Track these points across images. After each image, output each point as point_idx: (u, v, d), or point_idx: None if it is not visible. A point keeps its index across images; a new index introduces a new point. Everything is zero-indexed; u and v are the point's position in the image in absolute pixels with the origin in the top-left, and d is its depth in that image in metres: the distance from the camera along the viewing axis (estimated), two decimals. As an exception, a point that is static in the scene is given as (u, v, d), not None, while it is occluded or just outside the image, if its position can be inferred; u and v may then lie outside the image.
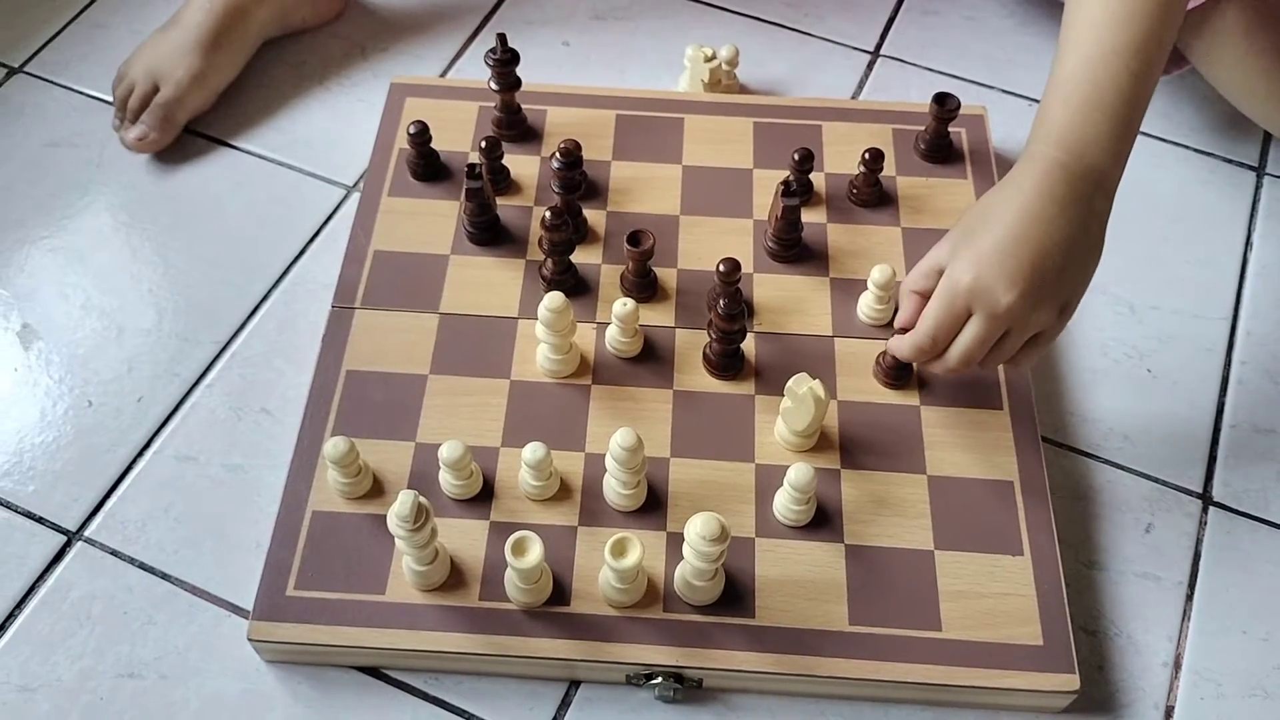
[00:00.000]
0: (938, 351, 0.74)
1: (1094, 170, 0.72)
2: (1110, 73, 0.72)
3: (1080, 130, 0.72)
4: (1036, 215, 0.71)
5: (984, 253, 0.71)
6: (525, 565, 0.70)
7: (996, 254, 0.71)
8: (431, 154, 0.96)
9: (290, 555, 0.76)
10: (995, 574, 0.77)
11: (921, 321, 0.74)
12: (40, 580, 0.79)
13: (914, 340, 0.75)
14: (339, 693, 0.75)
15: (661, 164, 0.98)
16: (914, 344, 0.75)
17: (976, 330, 0.72)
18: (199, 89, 1.03)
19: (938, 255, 0.75)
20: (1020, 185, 0.73)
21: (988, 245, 0.71)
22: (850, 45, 1.14)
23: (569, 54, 1.12)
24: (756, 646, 0.74)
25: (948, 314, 0.72)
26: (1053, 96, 0.74)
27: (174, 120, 1.02)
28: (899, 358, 0.78)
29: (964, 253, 0.72)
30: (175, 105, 1.01)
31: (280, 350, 0.91)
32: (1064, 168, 0.72)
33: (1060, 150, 0.72)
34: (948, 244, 0.75)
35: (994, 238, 0.71)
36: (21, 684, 0.75)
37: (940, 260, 0.74)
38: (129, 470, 0.84)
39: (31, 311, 0.93)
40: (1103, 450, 0.87)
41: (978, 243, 0.72)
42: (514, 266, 0.92)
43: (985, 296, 0.71)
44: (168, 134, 1.02)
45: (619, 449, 0.74)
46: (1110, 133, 0.72)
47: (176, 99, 1.01)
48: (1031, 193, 0.72)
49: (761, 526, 0.79)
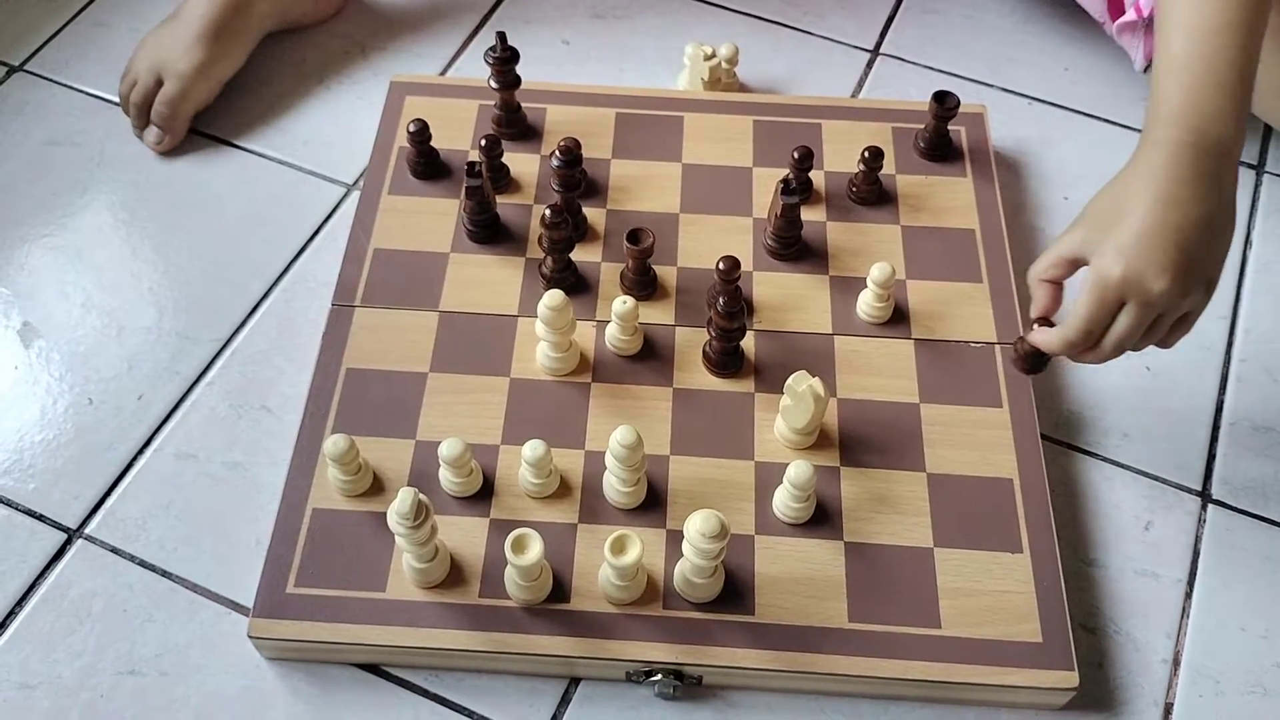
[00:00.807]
0: (1091, 344, 0.74)
1: (1218, 144, 0.72)
2: (1219, 47, 0.73)
3: (1199, 107, 0.73)
4: (1172, 198, 0.71)
5: (1128, 243, 0.71)
6: (525, 562, 0.71)
7: (1141, 243, 0.70)
8: (431, 152, 0.96)
9: (290, 552, 0.77)
10: (994, 571, 0.77)
11: (1073, 317, 0.73)
12: (41, 578, 0.79)
13: (1066, 335, 0.74)
14: (339, 690, 0.75)
15: (661, 162, 0.98)
16: (1066, 338, 0.74)
17: (1131, 320, 0.72)
18: (202, 80, 1.03)
19: (1068, 245, 0.75)
20: (1150, 170, 0.72)
21: (1129, 235, 0.71)
22: (850, 44, 1.14)
23: (569, 52, 1.12)
24: (756, 644, 0.74)
25: (1100, 307, 0.72)
26: (1165, 79, 0.74)
27: (180, 115, 1.02)
28: (1047, 351, 0.77)
29: (1106, 245, 0.71)
30: (180, 100, 1.02)
31: (280, 348, 0.91)
32: (1190, 147, 0.72)
33: (1182, 131, 0.72)
34: (1077, 234, 0.74)
35: (1134, 227, 0.71)
36: (22, 681, 0.75)
37: (1071, 250, 0.74)
38: (129, 468, 0.84)
39: (32, 310, 0.93)
40: (1102, 448, 0.87)
41: (1118, 233, 0.71)
42: (514, 265, 0.92)
43: (1137, 286, 0.70)
44: (178, 132, 1.03)
45: (619, 446, 0.74)
46: (1229, 106, 0.73)
47: (181, 93, 1.01)
48: (1163, 177, 0.71)
49: (761, 524, 0.79)
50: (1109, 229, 0.72)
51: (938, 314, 0.89)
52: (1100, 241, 0.72)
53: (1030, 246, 0.98)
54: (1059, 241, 0.76)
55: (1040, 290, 0.78)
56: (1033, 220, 1.00)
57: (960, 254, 0.93)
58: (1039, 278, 0.78)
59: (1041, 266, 0.77)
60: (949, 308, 0.90)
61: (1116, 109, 1.08)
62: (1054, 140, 1.06)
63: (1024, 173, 1.03)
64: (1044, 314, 0.78)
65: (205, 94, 1.04)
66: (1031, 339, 0.77)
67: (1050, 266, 0.77)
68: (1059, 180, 1.03)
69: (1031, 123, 1.07)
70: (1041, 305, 0.78)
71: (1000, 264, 0.92)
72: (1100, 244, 0.72)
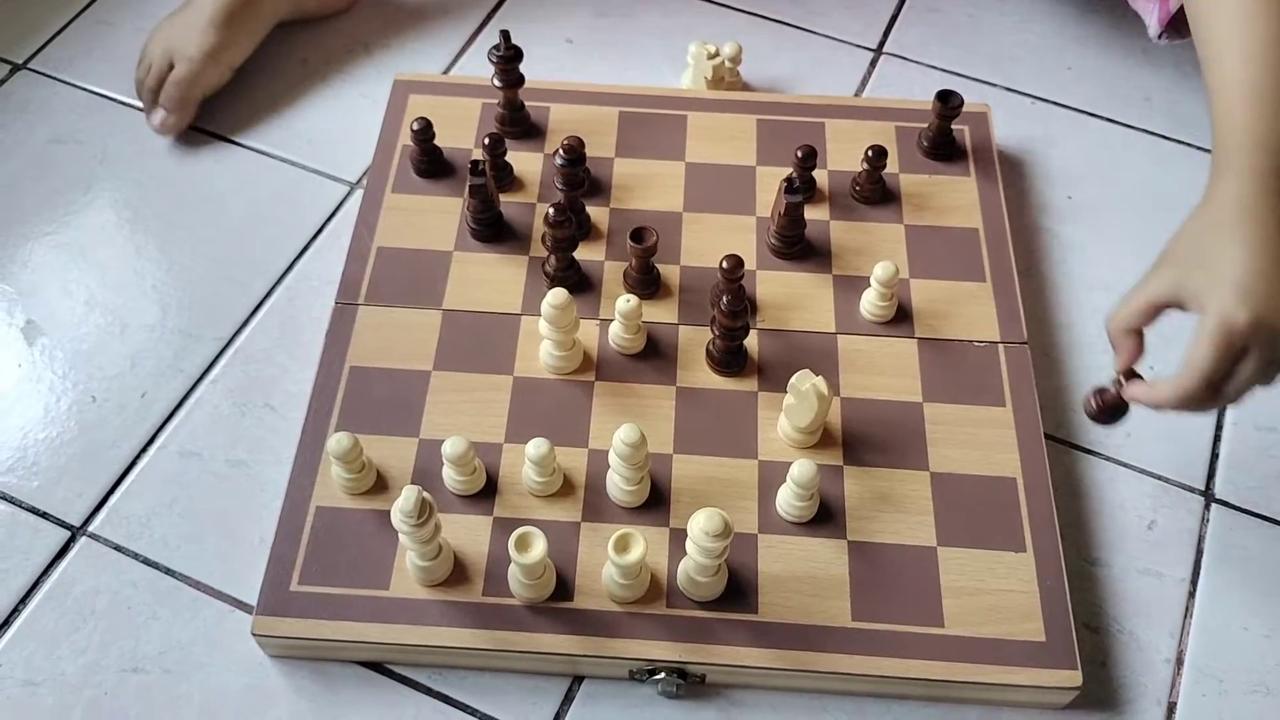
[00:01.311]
0: (1211, 396, 0.68)
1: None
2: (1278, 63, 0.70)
3: (1274, 127, 0.69)
4: (1275, 229, 0.67)
5: (1249, 283, 0.65)
6: (529, 561, 0.71)
7: (1261, 282, 0.65)
8: (435, 151, 0.96)
9: (294, 550, 0.77)
10: (998, 570, 0.77)
11: (1190, 368, 0.67)
12: (44, 575, 0.80)
13: (1183, 389, 0.67)
14: (342, 688, 0.75)
15: (664, 161, 0.98)
16: (1184, 392, 0.67)
17: (1258, 364, 0.66)
18: (213, 65, 1.03)
19: (1158, 289, 0.69)
20: (1244, 204, 0.68)
21: (1243, 274, 0.65)
22: (853, 43, 1.14)
23: (572, 51, 1.12)
24: (759, 642, 0.74)
25: (1225, 354, 0.66)
26: (1234, 101, 0.71)
27: (189, 98, 1.03)
28: (1161, 407, 0.70)
29: (1222, 288, 0.66)
30: (189, 82, 1.02)
31: (284, 346, 0.91)
32: (1276, 172, 0.68)
33: (1264, 156, 0.69)
34: (1166, 277, 0.69)
35: (1245, 265, 0.66)
36: (26, 678, 0.75)
37: (1163, 294, 0.69)
38: (133, 466, 0.85)
39: (35, 308, 0.93)
40: (1105, 447, 0.87)
41: (1229, 273, 0.66)
42: (517, 263, 0.92)
43: (1267, 328, 0.65)
44: (186, 114, 1.03)
45: (622, 445, 0.74)
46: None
47: (191, 75, 1.02)
48: (1260, 207, 0.67)
49: (764, 522, 0.79)
50: (1212, 269, 0.67)
51: (941, 313, 0.89)
52: (1207, 283, 0.66)
53: (1034, 246, 0.98)
54: (1144, 287, 0.70)
55: (1128, 341, 0.72)
56: (1036, 219, 1.00)
57: (964, 253, 0.93)
58: (1125, 327, 0.72)
59: (1126, 314, 0.71)
60: (952, 307, 0.90)
61: (1120, 108, 1.08)
62: (1057, 139, 1.06)
63: (1027, 172, 1.03)
64: (1131, 364, 0.73)
65: (215, 79, 1.04)
66: (1133, 395, 0.72)
67: (1137, 314, 0.71)
68: (1062, 179, 1.03)
69: (1035, 122, 1.07)
70: (1129, 356, 0.72)
71: (1004, 263, 0.92)
72: (1209, 286, 0.66)
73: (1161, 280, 0.69)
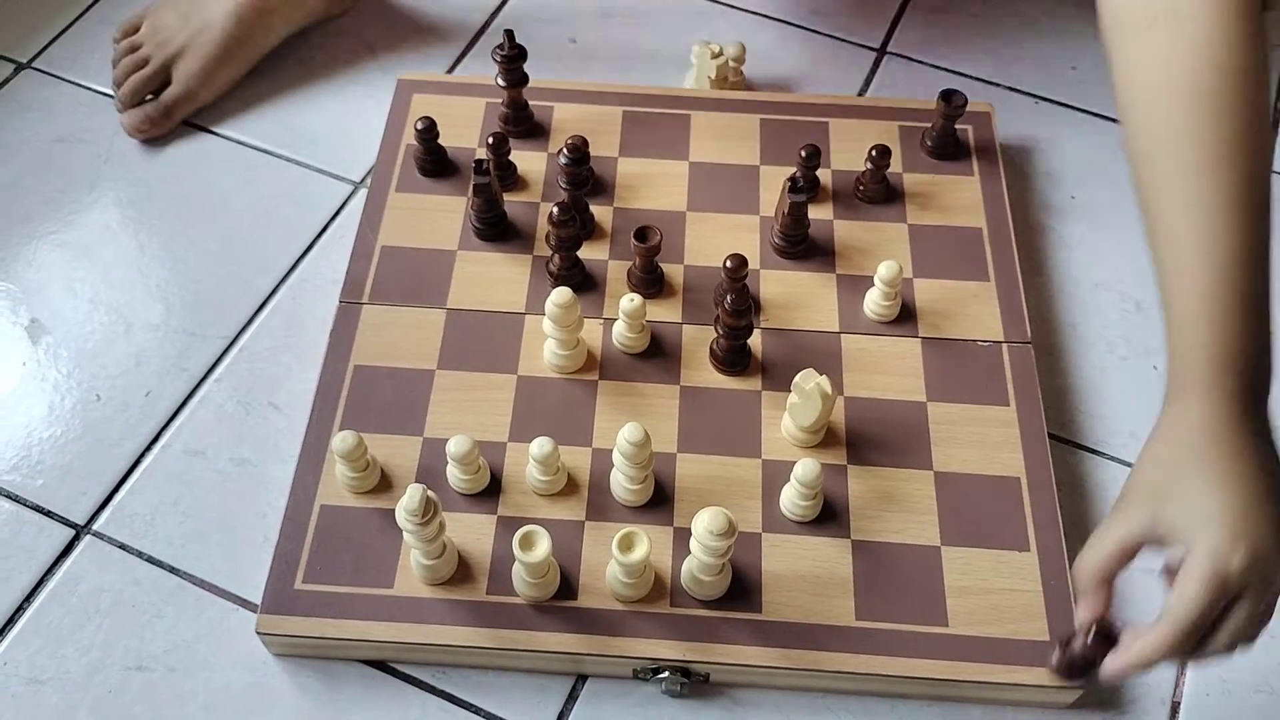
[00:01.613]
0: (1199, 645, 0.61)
1: (1266, 382, 0.65)
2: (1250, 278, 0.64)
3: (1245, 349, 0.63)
4: (1259, 457, 0.62)
5: (1234, 518, 0.59)
6: (533, 559, 0.71)
7: (1250, 516, 0.59)
8: (439, 150, 0.96)
9: (298, 549, 0.77)
10: (1001, 570, 0.77)
11: (1176, 618, 0.59)
12: (49, 574, 0.80)
13: (1171, 640, 0.59)
14: (346, 686, 0.75)
15: (668, 160, 0.99)
16: (1172, 644, 0.60)
17: (1252, 608, 0.60)
18: (207, 90, 1.04)
19: (1133, 529, 0.63)
20: (1210, 429, 0.62)
21: (1230, 508, 0.60)
22: (857, 43, 1.14)
23: (576, 51, 1.12)
24: (763, 641, 0.74)
25: (1220, 598, 0.59)
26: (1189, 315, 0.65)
27: (175, 116, 1.04)
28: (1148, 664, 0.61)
29: (1207, 525, 0.59)
30: (181, 103, 1.03)
31: (288, 345, 0.91)
32: (1251, 393, 0.63)
33: (1227, 375, 0.63)
34: (1141, 513, 0.62)
35: (1228, 498, 0.60)
36: (30, 676, 0.75)
37: (1139, 534, 0.62)
38: (137, 464, 0.85)
39: (40, 306, 0.93)
40: (1109, 447, 0.87)
41: (1213, 508, 0.60)
42: (521, 262, 0.92)
43: (1262, 568, 0.59)
44: (165, 128, 1.04)
45: (626, 444, 0.74)
46: (1269, 338, 0.65)
47: (185, 96, 1.03)
48: (1229, 434, 0.62)
49: (768, 522, 0.79)
50: (1191, 503, 0.61)
51: (945, 312, 0.89)
52: (1189, 519, 0.60)
53: (1037, 245, 0.98)
54: (1114, 527, 0.63)
55: (1099, 590, 0.65)
56: (1040, 219, 1.00)
57: (967, 252, 0.93)
58: (1100, 576, 0.64)
59: (1098, 561, 0.64)
60: (956, 306, 0.90)
61: (1123, 108, 1.08)
62: (1061, 139, 1.06)
63: (1031, 172, 1.03)
64: (1094, 619, 0.65)
65: (206, 99, 1.05)
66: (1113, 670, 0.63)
67: (1111, 559, 0.63)
68: (1065, 179, 1.03)
69: (1038, 122, 1.07)
70: (1100, 607, 0.65)
71: (1007, 263, 0.92)
72: (1194, 523, 0.60)
73: (1133, 519, 0.63)
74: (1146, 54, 0.69)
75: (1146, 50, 0.69)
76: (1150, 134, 0.68)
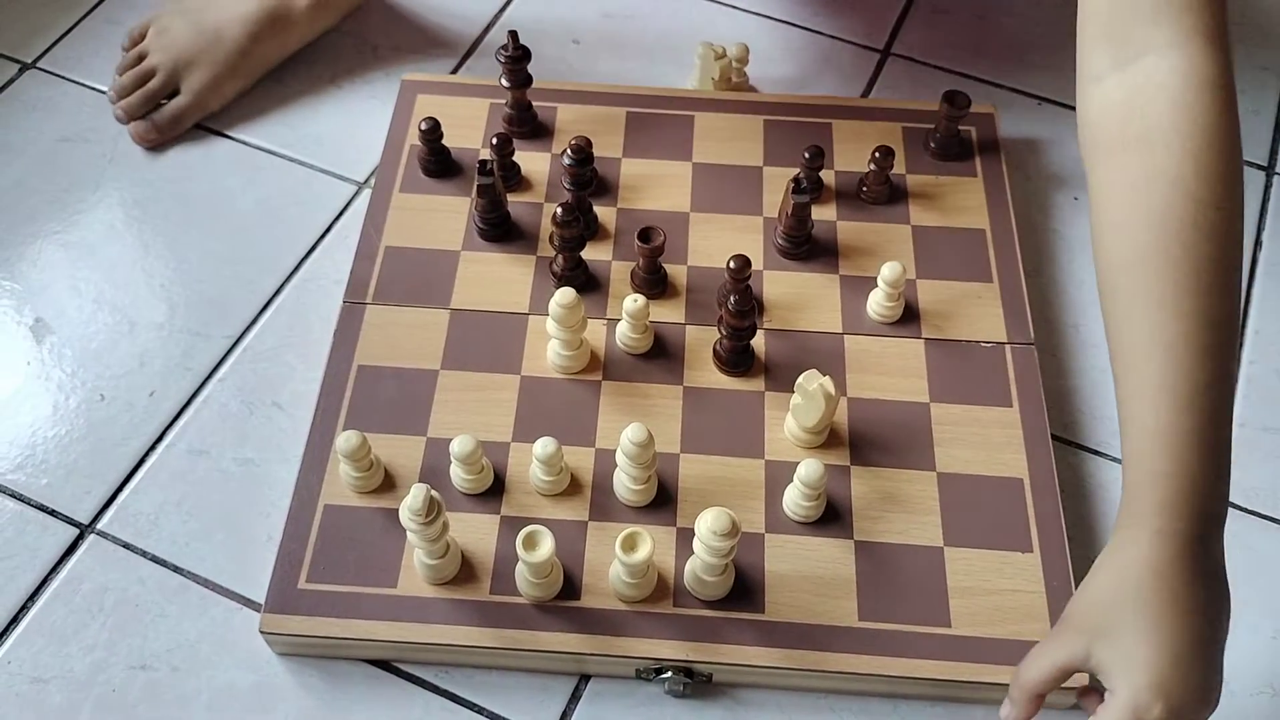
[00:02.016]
0: None
1: (1219, 522, 0.64)
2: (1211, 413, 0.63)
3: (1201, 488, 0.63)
4: (1196, 606, 0.61)
5: (1159, 673, 0.60)
6: (536, 559, 0.71)
7: (1176, 672, 0.60)
8: (443, 151, 0.96)
9: (302, 548, 0.77)
10: (1004, 570, 0.77)
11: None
12: (53, 573, 0.80)
13: None
14: (350, 685, 0.75)
15: (672, 161, 0.99)
16: None
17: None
18: (217, 97, 1.04)
19: (1069, 654, 0.63)
20: (1156, 569, 0.62)
21: (1157, 661, 0.60)
22: (860, 44, 1.14)
23: (579, 51, 1.13)
24: (766, 641, 0.74)
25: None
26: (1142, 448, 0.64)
27: (182, 125, 1.04)
28: None
29: (1132, 674, 0.60)
30: (189, 112, 1.03)
31: (292, 345, 0.91)
32: (1200, 540, 0.63)
33: (1190, 520, 0.62)
34: (1078, 642, 0.63)
35: (1159, 650, 0.60)
36: (34, 675, 0.75)
37: (1073, 661, 0.63)
38: (141, 464, 0.85)
39: (44, 306, 0.93)
40: (1112, 448, 0.87)
41: (1142, 657, 0.60)
42: (525, 263, 0.92)
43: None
44: (170, 135, 1.04)
45: (630, 444, 0.74)
46: (1227, 476, 0.64)
47: (193, 107, 1.03)
48: (1180, 579, 0.61)
49: (771, 522, 0.79)
50: (1123, 646, 0.61)
51: (948, 313, 0.90)
52: (1118, 662, 0.61)
53: (1040, 247, 0.98)
54: (1052, 650, 0.64)
55: (1031, 703, 0.66)
56: (1043, 220, 1.00)
57: (971, 254, 0.93)
58: (1032, 691, 0.65)
59: (1035, 679, 0.65)
60: (959, 307, 0.90)
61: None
62: (1064, 141, 1.06)
63: (1034, 173, 1.03)
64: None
65: (214, 106, 1.05)
66: None
67: (1047, 680, 0.65)
68: (1069, 181, 1.03)
69: (1042, 123, 1.07)
70: (1027, 713, 0.66)
71: (1011, 264, 0.92)
72: (1122, 668, 0.61)
73: (1069, 647, 0.63)
74: (1119, 176, 0.67)
75: (1119, 173, 0.67)
76: (1118, 260, 0.66)
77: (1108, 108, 0.70)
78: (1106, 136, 0.69)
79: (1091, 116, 0.71)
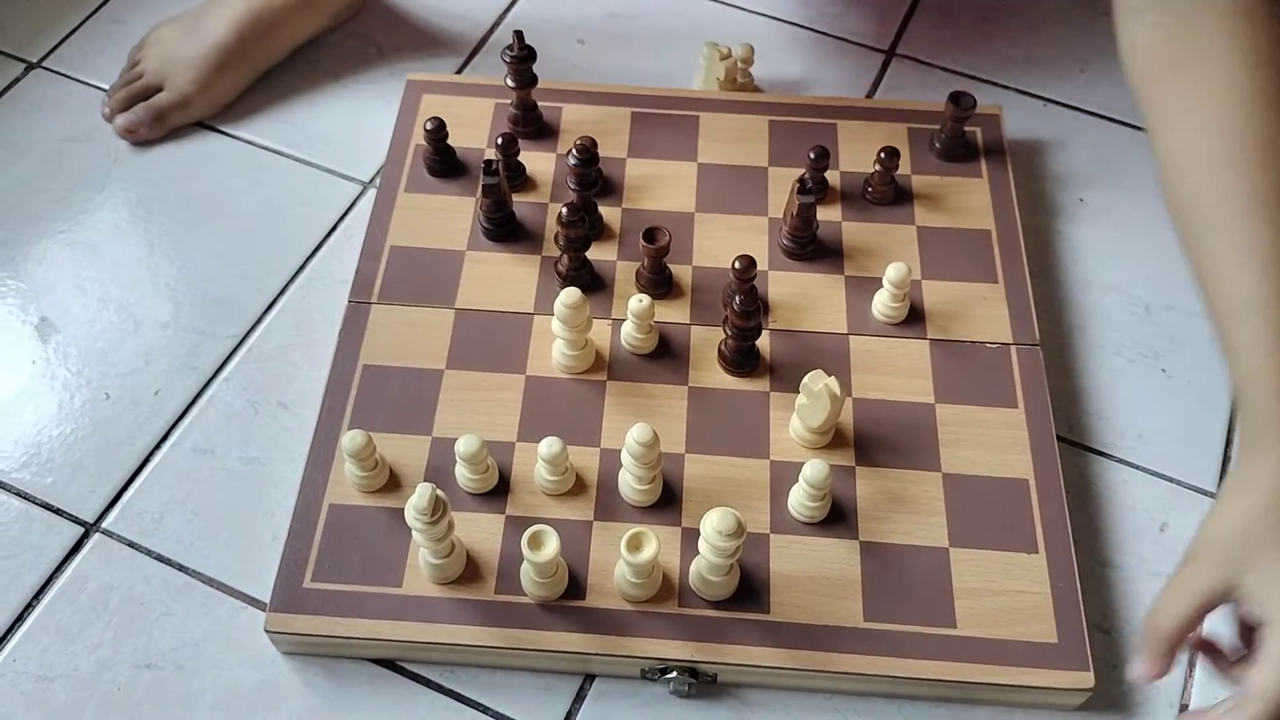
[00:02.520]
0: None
1: None
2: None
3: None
4: None
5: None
6: (541, 559, 0.71)
7: None
8: (448, 150, 0.96)
9: (307, 548, 0.77)
10: (1010, 571, 0.77)
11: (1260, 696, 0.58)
12: (58, 571, 0.80)
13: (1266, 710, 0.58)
14: (354, 684, 0.75)
15: (677, 161, 0.99)
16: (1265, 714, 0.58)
17: None
18: (203, 99, 1.04)
19: (1209, 589, 0.61)
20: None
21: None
22: (866, 44, 1.14)
23: (585, 52, 1.13)
24: (771, 642, 0.74)
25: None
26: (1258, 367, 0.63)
27: (166, 121, 1.04)
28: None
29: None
30: (171, 109, 1.03)
31: (297, 344, 0.91)
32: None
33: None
34: (1216, 572, 0.61)
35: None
36: (40, 674, 0.75)
37: (1215, 594, 0.61)
38: (146, 462, 0.85)
39: (49, 305, 0.93)
40: (1117, 449, 0.87)
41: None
42: (530, 262, 0.92)
43: None
44: (155, 132, 1.04)
45: (635, 444, 0.74)
46: None
47: (174, 105, 1.03)
48: None
49: (776, 523, 0.79)
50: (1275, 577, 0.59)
51: (953, 314, 0.89)
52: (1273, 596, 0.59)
53: (1046, 248, 0.98)
54: (1190, 583, 0.62)
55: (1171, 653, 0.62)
56: (1048, 221, 1.00)
57: (976, 254, 0.93)
58: (1173, 634, 0.61)
59: (1176, 619, 0.61)
60: (964, 308, 0.90)
61: (1132, 111, 1.08)
62: (1070, 141, 1.06)
63: (1039, 174, 1.03)
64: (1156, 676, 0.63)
65: (204, 111, 1.05)
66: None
67: (1189, 619, 0.61)
68: (1074, 182, 1.03)
69: (1047, 124, 1.07)
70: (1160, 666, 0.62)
71: (1016, 265, 0.92)
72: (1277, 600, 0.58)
73: (1211, 577, 0.61)
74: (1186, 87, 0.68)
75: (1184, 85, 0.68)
76: (1195, 175, 0.66)
77: (1156, 29, 0.70)
78: (1162, 55, 0.70)
79: (1140, 40, 0.72)
